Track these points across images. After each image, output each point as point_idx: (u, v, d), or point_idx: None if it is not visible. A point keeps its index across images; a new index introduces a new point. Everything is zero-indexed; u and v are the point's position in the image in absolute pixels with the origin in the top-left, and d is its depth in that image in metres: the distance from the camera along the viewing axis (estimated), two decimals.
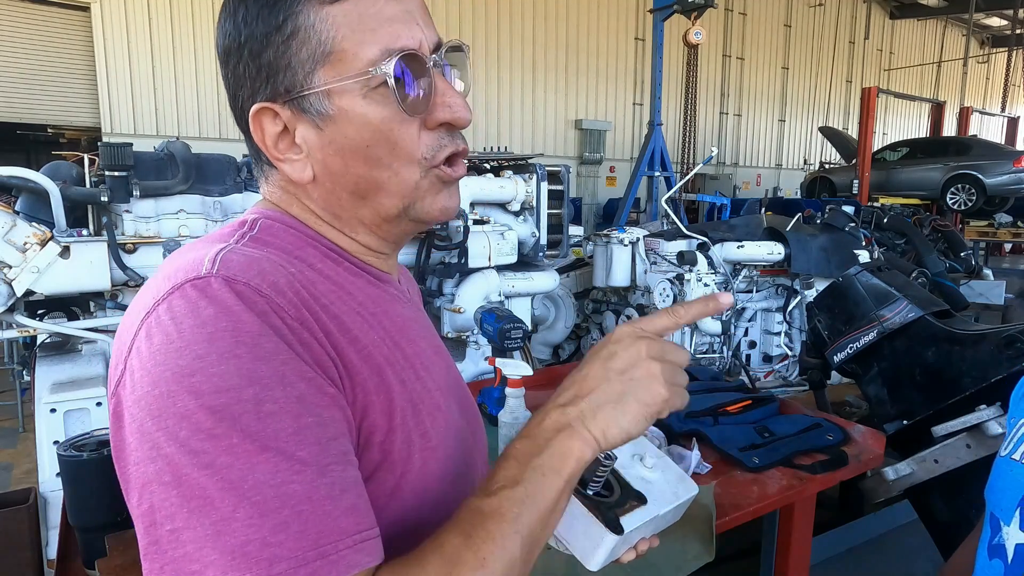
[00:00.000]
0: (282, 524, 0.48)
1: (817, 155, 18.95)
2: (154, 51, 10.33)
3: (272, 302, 0.54)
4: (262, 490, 0.48)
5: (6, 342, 4.42)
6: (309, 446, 0.51)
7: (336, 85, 0.60)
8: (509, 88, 13.92)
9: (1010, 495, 0.82)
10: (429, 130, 0.63)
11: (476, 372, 3.38)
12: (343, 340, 0.58)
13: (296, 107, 0.61)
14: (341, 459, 0.53)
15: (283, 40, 0.59)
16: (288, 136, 0.63)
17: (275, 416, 0.50)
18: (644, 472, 0.73)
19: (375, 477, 0.59)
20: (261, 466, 0.49)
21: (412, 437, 0.61)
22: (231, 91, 0.64)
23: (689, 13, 9.11)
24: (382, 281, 0.69)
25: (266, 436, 0.49)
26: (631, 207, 9.85)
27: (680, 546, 1.35)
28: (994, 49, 23.81)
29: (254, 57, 0.61)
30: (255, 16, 0.60)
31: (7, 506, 2.03)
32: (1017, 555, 0.78)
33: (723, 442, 1.75)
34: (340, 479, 0.52)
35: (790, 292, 4.56)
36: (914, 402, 2.27)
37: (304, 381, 0.52)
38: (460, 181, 0.69)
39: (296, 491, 0.49)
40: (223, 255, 0.56)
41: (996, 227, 10.56)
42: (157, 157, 2.88)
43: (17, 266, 2.44)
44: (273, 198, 0.68)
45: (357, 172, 0.62)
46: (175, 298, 0.53)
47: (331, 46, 0.59)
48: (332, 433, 0.53)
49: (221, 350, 0.50)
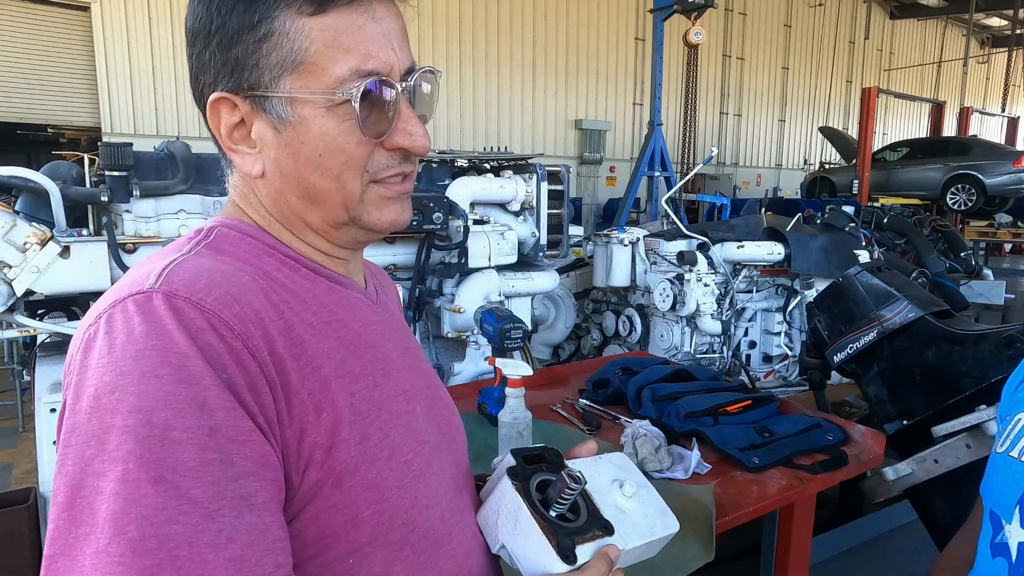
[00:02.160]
0: (152, 568, 0.46)
1: (817, 155, 18.95)
2: (154, 51, 10.32)
3: (215, 317, 0.53)
4: (142, 526, 0.46)
5: (6, 342, 4.42)
6: (205, 485, 0.48)
7: (301, 95, 0.60)
8: (509, 88, 13.92)
9: (1009, 492, 0.81)
10: (385, 150, 0.64)
11: (476, 372, 3.38)
12: (288, 356, 0.57)
13: (256, 104, 0.61)
14: (236, 503, 0.50)
15: (255, 40, 0.59)
16: (244, 129, 0.63)
17: (179, 446, 0.48)
18: (620, 501, 0.70)
19: (319, 495, 0.57)
20: (148, 499, 0.47)
21: (360, 451, 0.60)
22: (193, 72, 0.64)
23: (689, 13, 9.11)
24: (342, 286, 0.68)
25: (163, 466, 0.47)
26: (631, 207, 9.85)
27: (680, 546, 1.35)
28: (994, 49, 23.81)
29: (222, 49, 0.60)
30: (230, 8, 0.59)
31: (7, 506, 2.03)
32: (1021, 554, 0.77)
33: (723, 442, 1.74)
34: (228, 525, 0.49)
35: (790, 292, 4.55)
36: (914, 402, 2.27)
37: (223, 410, 0.51)
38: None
39: (177, 533, 0.47)
40: (171, 268, 0.56)
41: (996, 227, 10.56)
42: (157, 157, 2.88)
43: (17, 266, 2.44)
44: (236, 193, 0.68)
45: (307, 177, 0.62)
46: (116, 312, 0.53)
47: (302, 57, 0.59)
48: (235, 474, 0.50)
49: (144, 369, 0.49)
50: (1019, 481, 0.80)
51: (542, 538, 0.63)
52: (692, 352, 4.31)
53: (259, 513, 0.51)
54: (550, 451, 0.74)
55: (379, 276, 0.82)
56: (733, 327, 4.41)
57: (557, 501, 0.65)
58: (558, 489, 0.63)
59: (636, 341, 4.52)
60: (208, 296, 0.54)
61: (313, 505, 0.57)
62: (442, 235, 3.22)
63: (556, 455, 0.73)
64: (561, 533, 0.64)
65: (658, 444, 1.65)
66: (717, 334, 4.32)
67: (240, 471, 0.51)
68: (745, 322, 4.56)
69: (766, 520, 1.78)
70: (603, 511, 0.68)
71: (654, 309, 4.37)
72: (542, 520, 0.65)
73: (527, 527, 0.64)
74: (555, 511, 0.66)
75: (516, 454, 0.72)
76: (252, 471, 0.52)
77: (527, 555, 0.65)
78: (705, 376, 2.20)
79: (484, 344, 3.32)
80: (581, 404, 2.10)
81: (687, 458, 1.63)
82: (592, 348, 4.93)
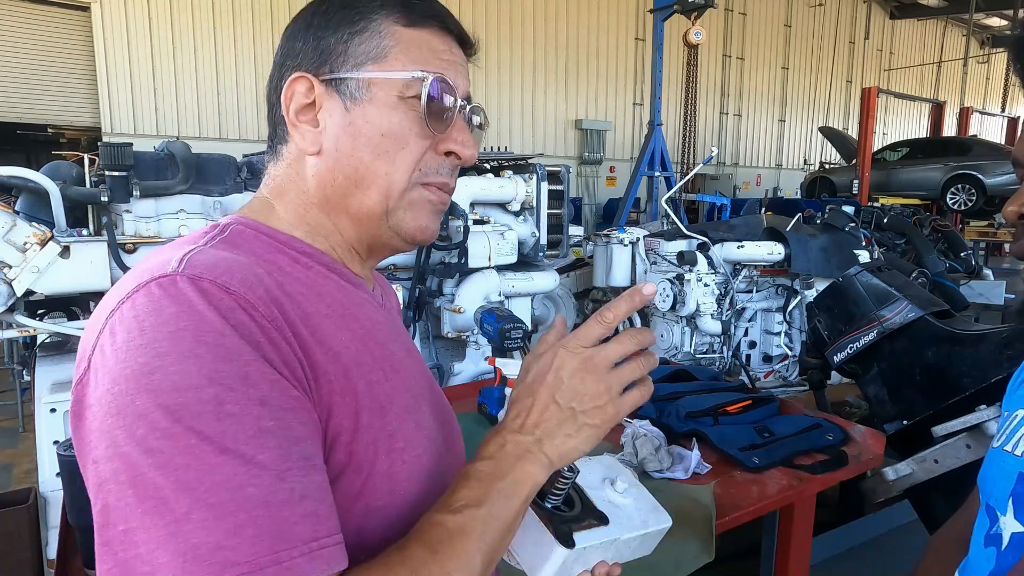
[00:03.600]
0: (237, 528, 0.47)
1: (817, 155, 18.95)
2: (154, 51, 10.33)
3: (241, 298, 0.54)
4: (218, 493, 0.48)
5: (6, 342, 4.42)
6: (269, 450, 0.50)
7: (378, 76, 0.65)
8: (509, 88, 13.93)
9: (1002, 485, 0.83)
10: (436, 153, 0.68)
11: (476, 372, 3.38)
12: (311, 340, 0.58)
13: (332, 86, 0.66)
14: (302, 464, 0.52)
15: (350, 33, 0.65)
16: (312, 111, 0.66)
17: (235, 418, 0.49)
18: (613, 496, 0.72)
19: (342, 478, 0.58)
20: (219, 468, 0.48)
21: (379, 439, 0.61)
22: (278, 61, 0.69)
23: (689, 13, 9.12)
24: (354, 285, 0.70)
25: (225, 438, 0.49)
26: (631, 207, 9.85)
27: (680, 546, 1.35)
28: (994, 49, 23.80)
29: (317, 38, 0.66)
30: (337, 10, 0.66)
31: (7, 506, 2.04)
32: (1012, 543, 0.79)
33: (723, 442, 1.75)
34: (299, 484, 0.51)
35: (790, 292, 4.56)
36: (914, 402, 2.27)
37: (267, 383, 0.52)
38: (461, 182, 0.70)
39: (253, 495, 0.48)
40: (191, 255, 0.56)
41: (996, 227, 10.57)
42: (157, 157, 2.88)
43: (17, 266, 2.44)
44: (272, 184, 0.70)
45: (360, 157, 0.66)
46: (139, 296, 0.53)
47: (386, 52, 0.65)
48: (294, 437, 0.52)
49: (182, 349, 0.50)
50: (1011, 474, 0.82)
51: (539, 524, 0.64)
52: (692, 352, 4.31)
53: (321, 473, 0.54)
54: None
55: (381, 282, 0.84)
56: (733, 327, 4.41)
57: (552, 492, 0.66)
58: (552, 479, 0.64)
59: None
60: (232, 279, 0.55)
61: (335, 488, 0.57)
62: (442, 235, 3.22)
63: None
64: (558, 520, 0.65)
65: (658, 444, 1.65)
66: (717, 334, 4.32)
67: (299, 434, 0.53)
68: (745, 322, 4.56)
69: (766, 520, 1.78)
70: (597, 505, 0.70)
71: (654, 309, 4.37)
72: (538, 509, 0.66)
73: (525, 518, 0.64)
74: (550, 503, 0.67)
75: None
76: (308, 435, 0.54)
77: (525, 545, 0.66)
78: (705, 376, 2.20)
79: (484, 344, 3.32)
80: None
81: (687, 458, 1.63)
82: None
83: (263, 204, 0.70)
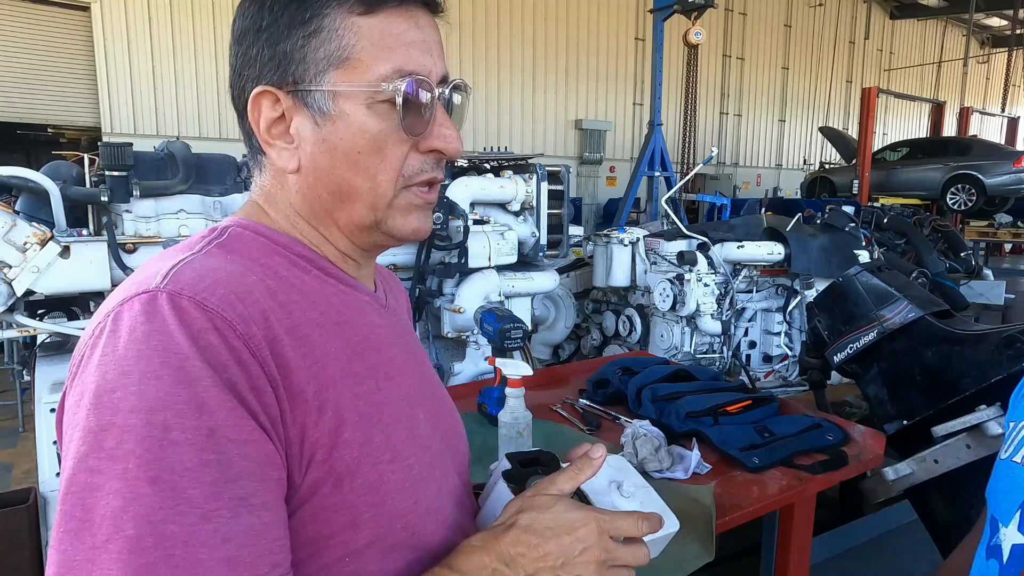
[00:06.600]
0: (148, 566, 0.46)
1: (817, 155, 18.94)
2: (154, 51, 10.32)
3: (217, 317, 0.54)
4: (139, 525, 0.47)
5: (6, 342, 4.42)
6: (202, 485, 0.49)
7: (344, 89, 0.61)
8: (509, 88, 13.92)
9: (1011, 498, 0.82)
10: (419, 153, 0.65)
11: (476, 372, 3.38)
12: (293, 356, 0.57)
13: (299, 99, 0.62)
14: (233, 504, 0.50)
15: (304, 35, 0.61)
16: (283, 124, 0.64)
17: (178, 446, 0.49)
18: (619, 502, 0.70)
19: (317, 494, 0.58)
20: (145, 499, 0.47)
21: (363, 452, 0.60)
22: (236, 70, 0.65)
23: (689, 13, 9.11)
24: (353, 288, 0.69)
25: (161, 466, 0.48)
26: (631, 207, 9.85)
27: (680, 546, 1.35)
28: (994, 49, 23.80)
29: (271, 44, 0.62)
30: (284, 6, 0.62)
31: (7, 506, 2.04)
32: (1012, 555, 0.78)
33: (723, 442, 1.74)
34: (224, 526, 0.49)
35: (790, 292, 4.55)
36: (914, 402, 2.27)
37: (224, 410, 0.51)
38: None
39: (173, 532, 0.47)
40: (178, 268, 0.56)
41: (996, 227, 10.55)
42: (157, 157, 2.88)
43: (17, 266, 2.44)
44: (260, 193, 0.69)
45: (341, 174, 0.64)
46: (123, 311, 0.54)
47: (348, 53, 0.61)
48: (233, 474, 0.51)
49: (144, 369, 0.50)
50: (1021, 486, 0.81)
51: None
52: (692, 352, 4.31)
53: (258, 513, 0.52)
54: (545, 454, 0.74)
55: (390, 281, 0.83)
56: (733, 327, 4.41)
57: None
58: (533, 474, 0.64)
59: (636, 341, 4.52)
60: (212, 295, 0.55)
61: (311, 504, 0.57)
62: (442, 235, 3.22)
63: (552, 458, 0.74)
64: None
65: (658, 444, 1.65)
66: (717, 334, 4.32)
67: (240, 471, 0.51)
68: (745, 322, 4.56)
69: (766, 520, 1.78)
70: None
71: (654, 309, 4.37)
72: None
73: None
74: None
75: (511, 458, 0.73)
76: (253, 471, 0.52)
77: None
78: (705, 376, 2.20)
79: (484, 344, 3.32)
80: (581, 404, 2.10)
81: (687, 458, 1.63)
82: (592, 348, 4.93)
83: (258, 209, 0.69)
